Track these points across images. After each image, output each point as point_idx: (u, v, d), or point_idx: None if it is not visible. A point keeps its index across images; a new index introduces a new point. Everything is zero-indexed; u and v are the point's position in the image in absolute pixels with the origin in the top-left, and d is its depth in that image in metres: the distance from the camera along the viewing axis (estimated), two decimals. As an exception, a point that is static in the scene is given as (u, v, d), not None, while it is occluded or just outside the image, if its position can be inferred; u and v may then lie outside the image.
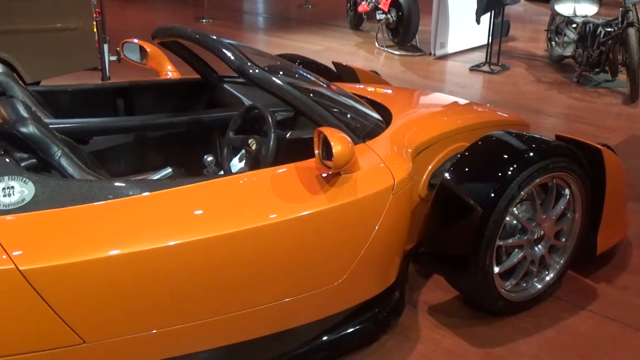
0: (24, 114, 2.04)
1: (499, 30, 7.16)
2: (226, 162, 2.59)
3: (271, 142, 2.34)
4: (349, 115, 2.52)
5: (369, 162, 2.29)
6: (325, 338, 2.34)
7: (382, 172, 2.28)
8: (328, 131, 2.05)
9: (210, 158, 2.57)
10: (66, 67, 4.63)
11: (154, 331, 1.92)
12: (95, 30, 4.66)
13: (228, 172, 2.53)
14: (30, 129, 1.96)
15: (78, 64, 4.72)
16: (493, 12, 6.92)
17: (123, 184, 1.95)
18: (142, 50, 3.40)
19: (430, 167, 2.78)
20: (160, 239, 1.85)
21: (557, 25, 7.22)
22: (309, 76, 2.72)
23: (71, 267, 1.70)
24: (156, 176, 2.54)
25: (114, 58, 5.00)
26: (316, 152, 2.10)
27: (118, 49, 4.70)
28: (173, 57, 3.24)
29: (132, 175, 2.86)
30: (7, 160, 1.83)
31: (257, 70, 2.32)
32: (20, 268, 1.64)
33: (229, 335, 2.11)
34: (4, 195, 1.75)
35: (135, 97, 3.22)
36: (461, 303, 2.76)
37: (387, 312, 2.50)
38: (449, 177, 2.55)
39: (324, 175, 2.14)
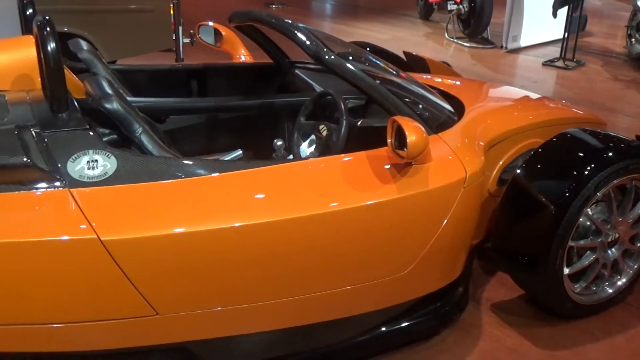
0: (109, 90, 2.12)
1: (576, 25, 6.90)
2: (295, 146, 2.61)
3: (342, 129, 2.33)
4: (420, 106, 2.49)
5: (441, 153, 2.26)
6: (385, 328, 2.34)
7: (454, 164, 2.24)
8: (402, 120, 2.03)
9: (280, 142, 2.60)
10: (142, 48, 4.77)
11: (219, 308, 1.96)
12: (171, 12, 4.77)
13: (297, 157, 2.55)
14: (114, 105, 2.03)
15: (154, 45, 4.85)
16: (571, 5, 6.67)
17: (198, 163, 1.99)
18: (217, 33, 3.46)
19: (501, 162, 2.72)
20: (230, 219, 1.88)
21: (639, 22, 6.90)
22: (381, 64, 2.70)
23: (149, 241, 1.76)
24: (227, 157, 2.59)
25: (187, 40, 5.11)
26: (389, 141, 2.09)
27: (192, 31, 4.81)
28: (246, 41, 3.29)
29: (202, 156, 2.93)
30: (92, 134, 1.90)
31: (332, 56, 2.32)
32: (102, 238, 1.71)
33: (289, 319, 2.14)
34: (88, 168, 1.82)
35: (208, 79, 3.28)
36: (526, 302, 2.70)
37: (449, 306, 2.47)
38: (521, 174, 2.48)
39: (395, 164, 2.13)
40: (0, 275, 1.73)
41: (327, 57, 2.31)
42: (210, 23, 3.47)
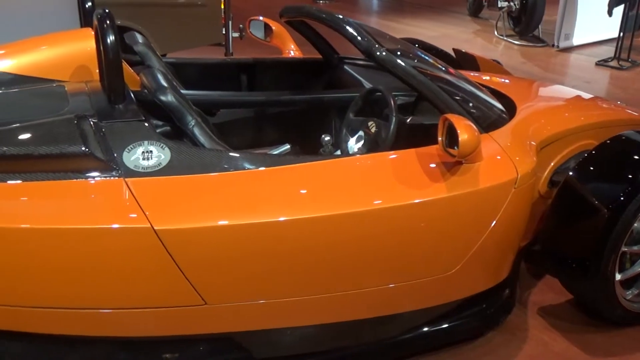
0: (164, 83, 2.16)
1: (632, 24, 6.69)
2: (343, 142, 2.62)
3: (392, 126, 2.33)
4: (471, 104, 2.46)
5: (492, 153, 2.22)
6: (429, 327, 2.32)
7: (505, 164, 2.21)
8: (454, 118, 2.01)
9: (327, 138, 2.61)
10: (192, 42, 4.84)
11: (264, 301, 1.99)
12: (222, 7, 4.82)
13: (345, 153, 2.56)
14: (169, 97, 2.07)
15: (203, 38, 4.92)
16: (627, 3, 6.47)
17: (249, 157, 2.02)
18: (267, 28, 3.49)
19: (552, 164, 2.66)
20: (277, 213, 1.90)
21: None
22: (432, 61, 2.67)
23: (200, 232, 1.80)
24: (275, 151, 2.61)
25: (236, 35, 5.16)
26: (439, 139, 2.07)
27: (241, 25, 4.86)
28: (295, 36, 3.30)
29: (249, 149, 2.96)
30: (147, 125, 1.94)
31: (383, 52, 2.31)
32: (155, 228, 1.75)
33: (333, 314, 2.15)
34: (143, 159, 1.86)
35: (257, 73, 3.31)
36: (574, 307, 2.64)
37: (495, 308, 2.44)
38: (574, 176, 2.42)
39: (445, 163, 2.11)
40: (55, 260, 1.79)
41: (378, 53, 2.30)
42: (261, 18, 3.50)
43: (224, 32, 5.02)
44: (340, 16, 2.54)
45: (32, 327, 1.88)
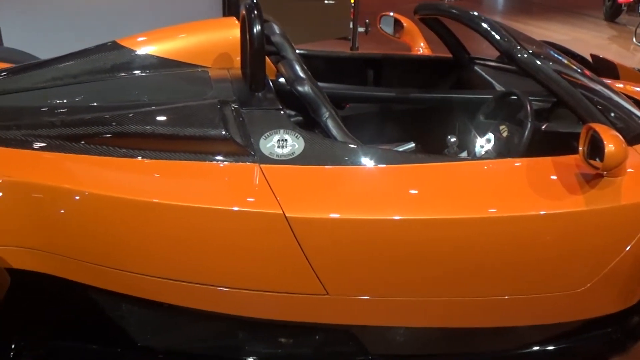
0: (302, 74, 2.21)
1: None
2: (471, 145, 2.55)
3: (526, 132, 2.23)
4: (613, 114, 2.31)
5: (636, 168, 2.08)
6: (548, 345, 2.22)
7: (650, 181, 2.06)
8: (599, 128, 1.90)
9: (453, 139, 2.55)
10: (320, 35, 4.91)
11: (384, 298, 1.98)
12: (352, 1, 4.86)
13: (472, 156, 2.49)
14: (306, 88, 2.12)
15: (331, 32, 4.99)
16: None
17: (380, 153, 2.02)
18: (396, 24, 3.47)
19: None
20: (404, 211, 1.89)
21: None
22: (573, 66, 2.54)
23: (329, 223, 1.82)
24: (400, 148, 2.60)
25: (361, 29, 5.18)
26: (580, 149, 1.97)
27: (367, 20, 4.88)
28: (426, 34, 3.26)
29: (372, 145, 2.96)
30: (283, 114, 1.99)
31: (525, 55, 2.22)
32: (287, 215, 1.79)
33: (449, 318, 2.11)
34: (278, 147, 1.92)
35: (384, 69, 3.30)
36: None
37: (622, 333, 2.29)
38: None
39: (584, 174, 2.00)
40: (186, 236, 1.88)
41: (519, 55, 2.22)
42: (392, 14, 3.48)
43: (350, 27, 5.06)
44: (478, 14, 2.47)
45: (158, 296, 1.99)
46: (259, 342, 2.12)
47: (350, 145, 2.01)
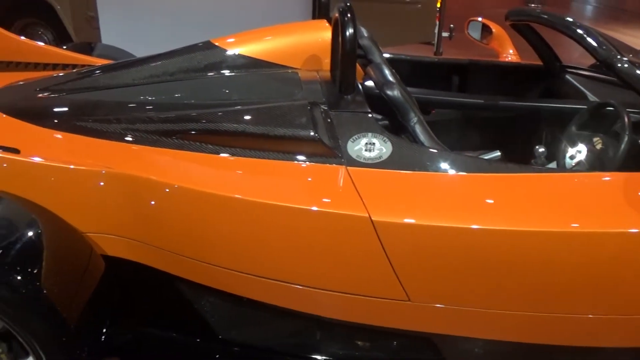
0: (391, 78, 2.21)
1: None
2: (561, 156, 2.47)
3: (622, 145, 2.14)
4: None
5: None
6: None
7: None
8: None
9: (542, 149, 2.48)
10: (404, 39, 4.89)
11: (465, 308, 1.95)
12: (438, 5, 4.81)
13: (562, 168, 2.41)
14: (395, 92, 2.11)
15: (414, 36, 4.95)
16: None
17: (466, 160, 1.99)
18: (484, 29, 3.41)
19: None
20: (492, 221, 1.84)
21: None
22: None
23: (415, 229, 1.81)
24: (486, 157, 2.55)
25: (446, 35, 5.11)
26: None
27: (452, 25, 4.81)
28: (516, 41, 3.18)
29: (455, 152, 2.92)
30: (371, 117, 2.00)
31: (625, 64, 2.13)
32: (373, 218, 1.79)
33: (530, 334, 2.04)
34: (366, 150, 1.92)
35: (470, 75, 3.25)
36: None
37: None
38: None
39: (686, 193, 1.89)
40: (268, 234, 1.89)
41: (620, 64, 2.13)
42: (480, 19, 3.43)
43: (435, 31, 5.00)
44: (573, 20, 2.40)
45: (240, 290, 2.02)
46: (335, 342, 2.12)
47: (438, 152, 1.99)
